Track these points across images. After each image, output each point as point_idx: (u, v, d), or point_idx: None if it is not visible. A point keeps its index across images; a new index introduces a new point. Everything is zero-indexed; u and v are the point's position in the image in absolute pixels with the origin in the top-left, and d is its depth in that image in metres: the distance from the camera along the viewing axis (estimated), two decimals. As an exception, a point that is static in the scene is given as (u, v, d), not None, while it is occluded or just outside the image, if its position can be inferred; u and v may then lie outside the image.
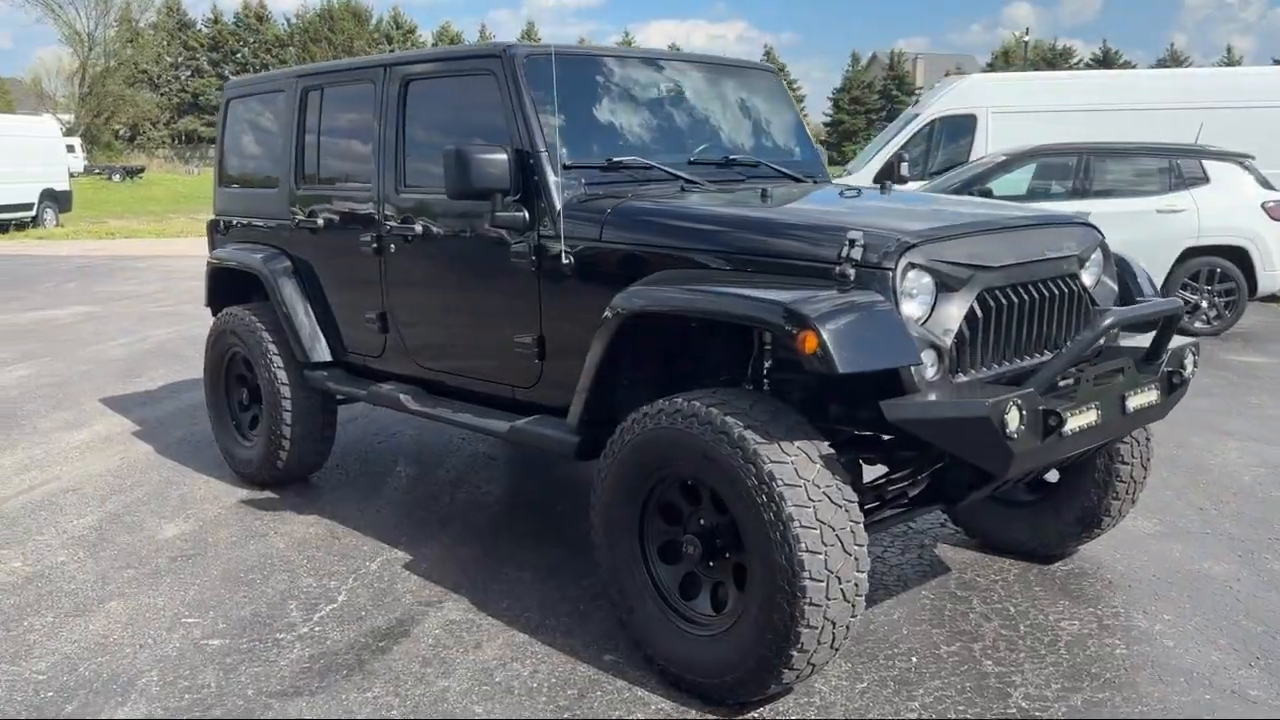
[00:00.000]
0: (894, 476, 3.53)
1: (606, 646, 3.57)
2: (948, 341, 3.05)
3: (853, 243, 2.97)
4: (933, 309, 3.07)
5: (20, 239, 22.51)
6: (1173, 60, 67.21)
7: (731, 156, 4.41)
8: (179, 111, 67.62)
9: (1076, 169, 9.76)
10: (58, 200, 25.23)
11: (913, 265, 3.04)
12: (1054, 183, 10.08)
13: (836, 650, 2.98)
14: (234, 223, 5.68)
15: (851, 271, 2.97)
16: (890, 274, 3.00)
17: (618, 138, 4.18)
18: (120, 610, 3.94)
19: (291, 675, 3.42)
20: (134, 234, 23.92)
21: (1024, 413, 2.85)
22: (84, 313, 11.60)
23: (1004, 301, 3.22)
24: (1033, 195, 9.79)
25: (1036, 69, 50.61)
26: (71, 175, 27.57)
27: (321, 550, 4.54)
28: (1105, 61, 65.88)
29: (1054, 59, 66.76)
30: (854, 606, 2.91)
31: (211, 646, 3.63)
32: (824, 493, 2.86)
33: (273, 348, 5.15)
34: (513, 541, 4.60)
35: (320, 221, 4.93)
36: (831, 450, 2.97)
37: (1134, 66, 55.37)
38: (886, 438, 3.48)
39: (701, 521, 3.20)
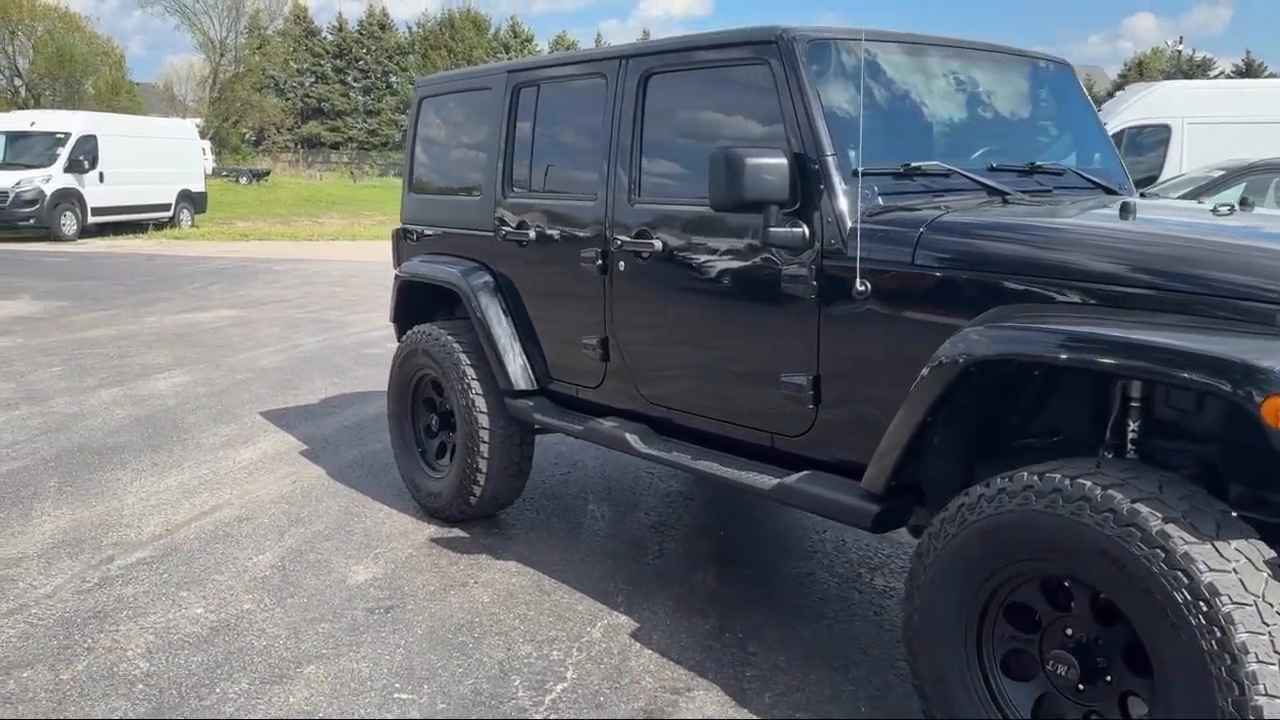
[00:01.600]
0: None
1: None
2: None
3: None
4: None
5: (158, 239, 22.88)
6: (1322, 72, 63.51)
7: (1037, 163, 3.72)
8: (303, 117, 69.15)
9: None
10: (193, 201, 25.65)
11: None
12: (1260, 199, 9.08)
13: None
14: (425, 232, 5.20)
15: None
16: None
17: (907, 138, 3.53)
18: (321, 677, 3.43)
19: (538, 782, 2.85)
20: (265, 236, 24.14)
21: None
22: (230, 317, 11.41)
23: None
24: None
25: (1170, 79, 48.22)
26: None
27: (532, 608, 3.98)
28: (1249, 72, 62.69)
29: (1192, 70, 63.79)
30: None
31: (435, 734, 3.09)
32: (1278, 614, 2.16)
33: (471, 372, 4.63)
34: (750, 610, 3.98)
35: (531, 234, 4.40)
36: (1275, 553, 2.27)
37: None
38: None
39: (1070, 631, 2.51)
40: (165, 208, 24.42)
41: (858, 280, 3.05)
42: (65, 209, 21.48)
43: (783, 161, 3.17)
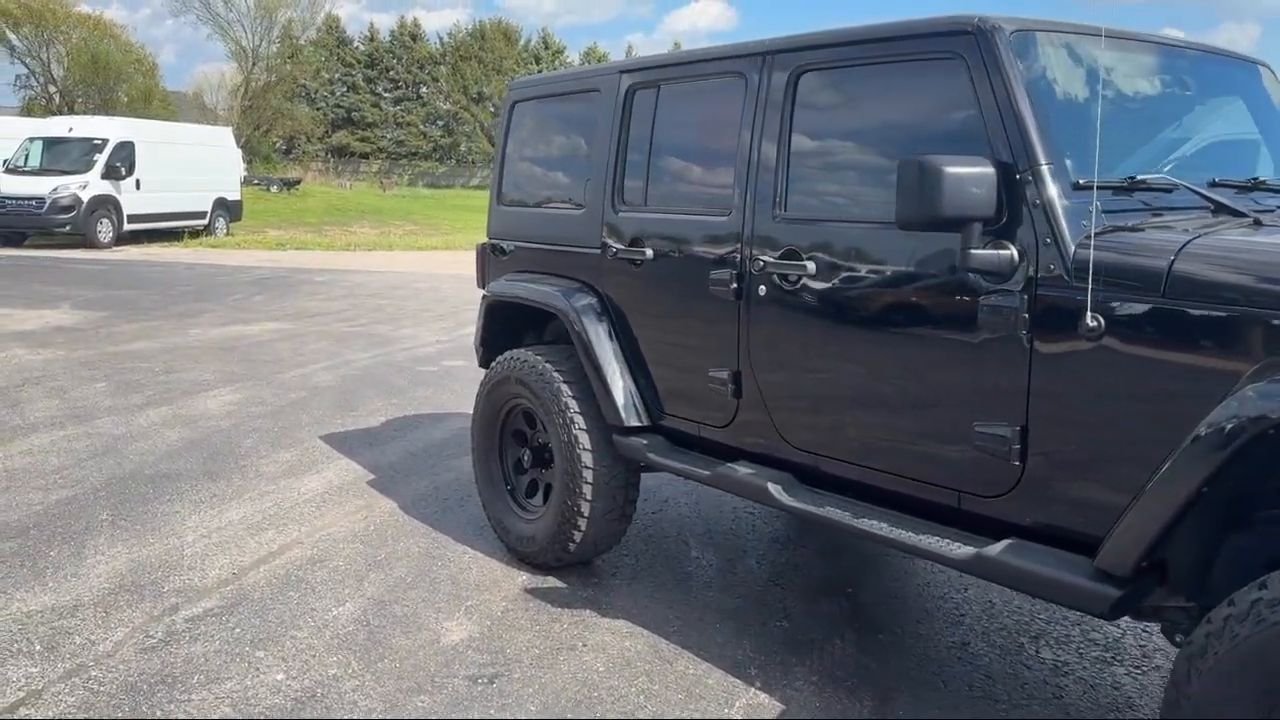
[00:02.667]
0: None
1: None
2: None
3: None
4: None
5: (195, 247, 22.60)
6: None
7: (1259, 178, 3.21)
8: (333, 126, 69.15)
9: None
10: (229, 209, 25.37)
11: None
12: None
13: None
14: (516, 248, 4.73)
15: None
16: None
17: (1121, 146, 3.03)
18: (430, 766, 2.95)
19: None
20: (302, 246, 23.82)
21: None
22: (276, 330, 11.00)
23: None
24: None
25: None
26: (238, 185, 27.78)
27: (655, 680, 3.49)
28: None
29: None
30: None
31: None
32: None
33: (573, 404, 4.15)
34: (907, 690, 3.46)
35: (648, 252, 3.92)
36: None
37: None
38: None
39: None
40: (201, 215, 24.16)
41: (1088, 314, 2.55)
42: (102, 216, 21.22)
43: (990, 171, 2.69)
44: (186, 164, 23.10)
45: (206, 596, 4.11)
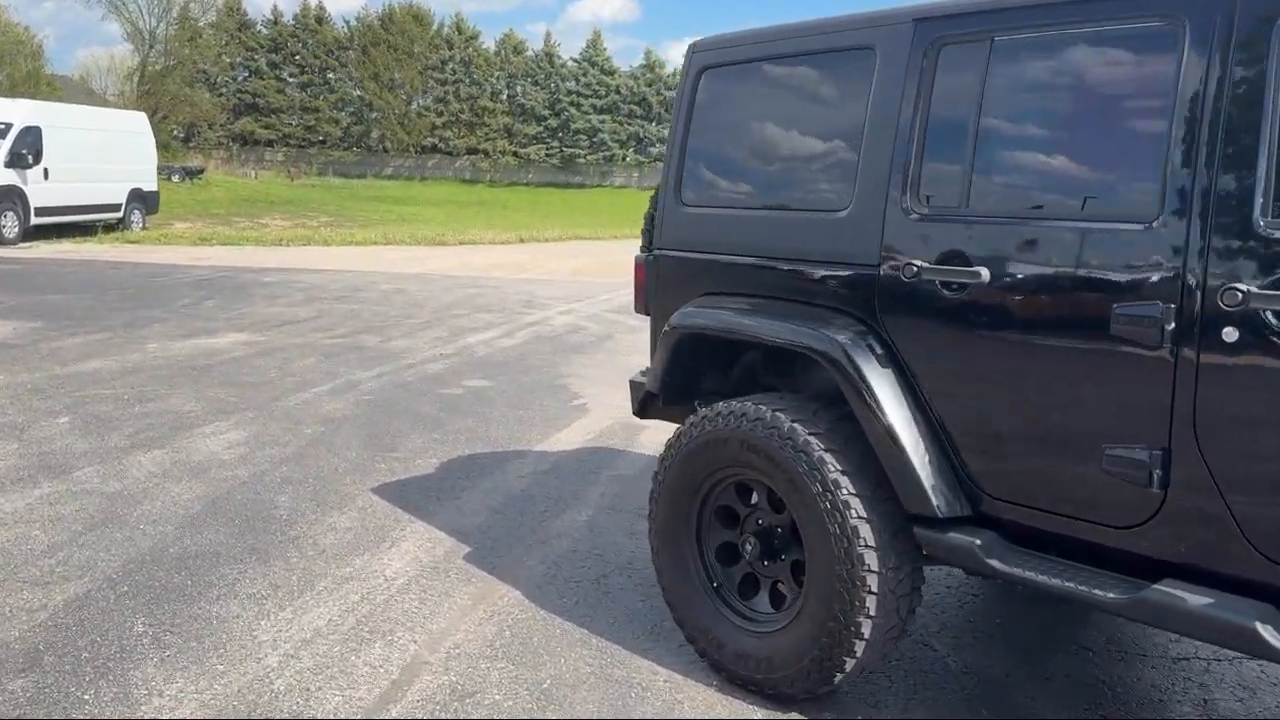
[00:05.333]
0: None
1: None
2: None
3: None
4: None
5: (112, 242, 20.59)
6: None
7: None
8: (235, 113, 66.03)
9: None
10: (145, 201, 23.32)
11: None
12: None
13: None
14: (710, 264, 3.57)
15: None
16: None
17: None
18: None
19: None
20: (229, 241, 21.99)
21: None
22: (247, 343, 9.54)
23: None
24: None
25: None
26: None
27: None
28: None
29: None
30: None
31: None
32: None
33: (847, 483, 3.01)
34: None
35: (983, 275, 2.80)
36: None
37: None
38: None
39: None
40: (115, 208, 22.10)
41: None
42: (6, 208, 19.09)
43: None
44: (99, 152, 21.06)
45: (341, 769, 2.87)
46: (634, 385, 4.04)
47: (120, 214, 22.28)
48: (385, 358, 9.00)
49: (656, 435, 6.49)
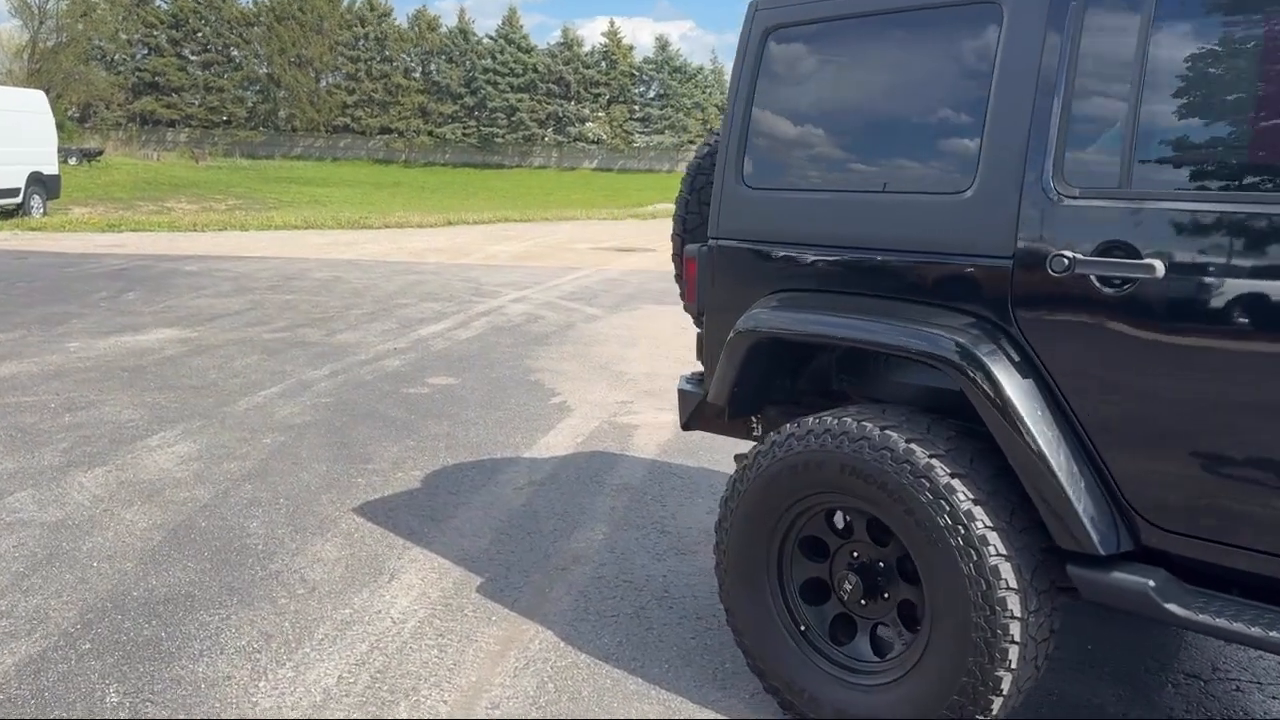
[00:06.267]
0: None
1: None
2: None
3: None
4: None
5: (14, 230, 19.29)
6: None
7: None
8: (135, 92, 63.33)
9: None
10: (46, 186, 21.98)
11: None
12: None
13: None
14: (783, 256, 3.09)
15: None
16: None
17: None
18: None
19: None
20: (140, 227, 20.81)
21: None
22: (179, 339, 8.78)
23: None
24: None
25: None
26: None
27: None
28: None
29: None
30: None
31: None
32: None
33: (981, 515, 2.57)
34: None
35: (1156, 268, 2.36)
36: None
37: None
38: None
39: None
40: (14, 193, 20.73)
41: None
42: (-106, 195, 17.75)
43: None
44: (-6, 133, 19.73)
45: None
46: (685, 395, 3.55)
47: (19, 199, 20.92)
48: (334, 353, 8.33)
49: (651, 437, 6.01)
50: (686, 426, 3.62)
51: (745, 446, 3.57)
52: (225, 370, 7.63)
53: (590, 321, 10.33)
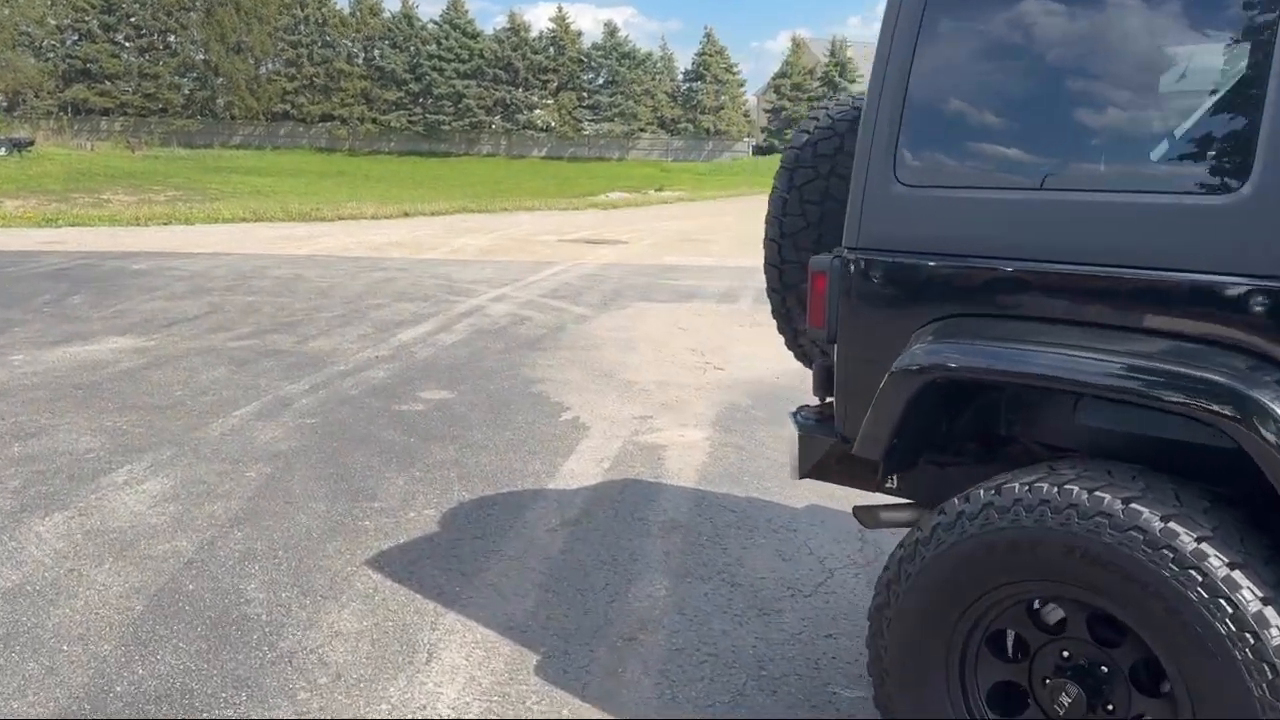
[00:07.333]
0: None
1: None
2: None
3: None
4: None
5: (-62, 226, 18.12)
6: None
7: None
8: (66, 79, 61.08)
9: None
10: (-27, 177, 20.72)
11: None
12: None
13: None
14: (954, 268, 2.45)
15: None
16: None
17: None
18: None
19: None
20: (79, 221, 19.67)
21: None
22: (135, 349, 7.94)
23: None
24: None
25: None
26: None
27: None
28: None
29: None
30: None
31: None
32: None
33: (1273, 617, 1.96)
34: None
35: None
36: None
37: None
38: None
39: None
40: (-61, 186, 19.49)
41: None
42: None
43: None
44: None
45: None
46: (809, 442, 2.89)
47: (-55, 192, 19.67)
48: (310, 364, 7.56)
49: (684, 459, 5.37)
50: (805, 476, 2.97)
51: (867, 497, 2.96)
52: (191, 386, 6.83)
53: (580, 322, 9.64)
